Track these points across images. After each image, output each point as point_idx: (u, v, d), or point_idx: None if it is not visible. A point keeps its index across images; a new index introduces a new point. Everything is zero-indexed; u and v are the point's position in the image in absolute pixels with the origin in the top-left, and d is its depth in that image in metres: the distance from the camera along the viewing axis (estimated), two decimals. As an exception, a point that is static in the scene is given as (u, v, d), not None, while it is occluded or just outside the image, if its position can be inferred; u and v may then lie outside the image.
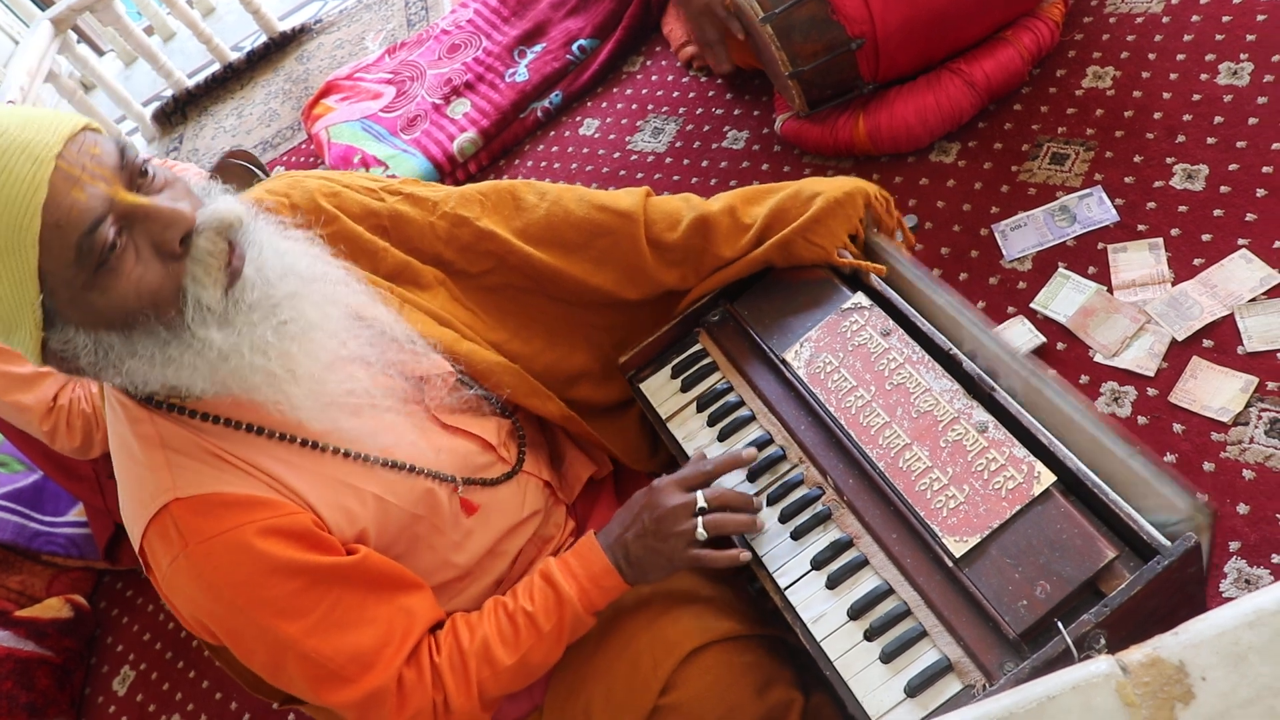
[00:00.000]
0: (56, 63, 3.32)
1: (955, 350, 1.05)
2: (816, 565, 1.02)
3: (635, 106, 2.44)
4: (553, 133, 2.56)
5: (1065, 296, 1.54)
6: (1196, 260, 1.49)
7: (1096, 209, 1.62)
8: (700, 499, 1.05)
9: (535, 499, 1.20)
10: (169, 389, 0.91)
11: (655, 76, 2.48)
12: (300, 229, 1.00)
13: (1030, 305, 1.56)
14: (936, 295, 1.10)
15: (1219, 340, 1.40)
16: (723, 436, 1.17)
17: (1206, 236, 1.50)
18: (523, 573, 1.18)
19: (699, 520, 1.04)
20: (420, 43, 3.02)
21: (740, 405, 1.18)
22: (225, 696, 1.90)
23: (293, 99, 3.50)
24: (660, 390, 1.26)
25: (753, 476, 1.11)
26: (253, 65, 3.82)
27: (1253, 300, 1.40)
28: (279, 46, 3.80)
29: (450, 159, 2.56)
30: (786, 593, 1.02)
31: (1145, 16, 1.83)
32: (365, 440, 0.99)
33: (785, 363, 1.15)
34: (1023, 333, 1.53)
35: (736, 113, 2.23)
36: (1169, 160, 1.62)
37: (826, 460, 1.07)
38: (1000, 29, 1.83)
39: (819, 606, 0.99)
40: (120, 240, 0.81)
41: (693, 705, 1.04)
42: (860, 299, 1.15)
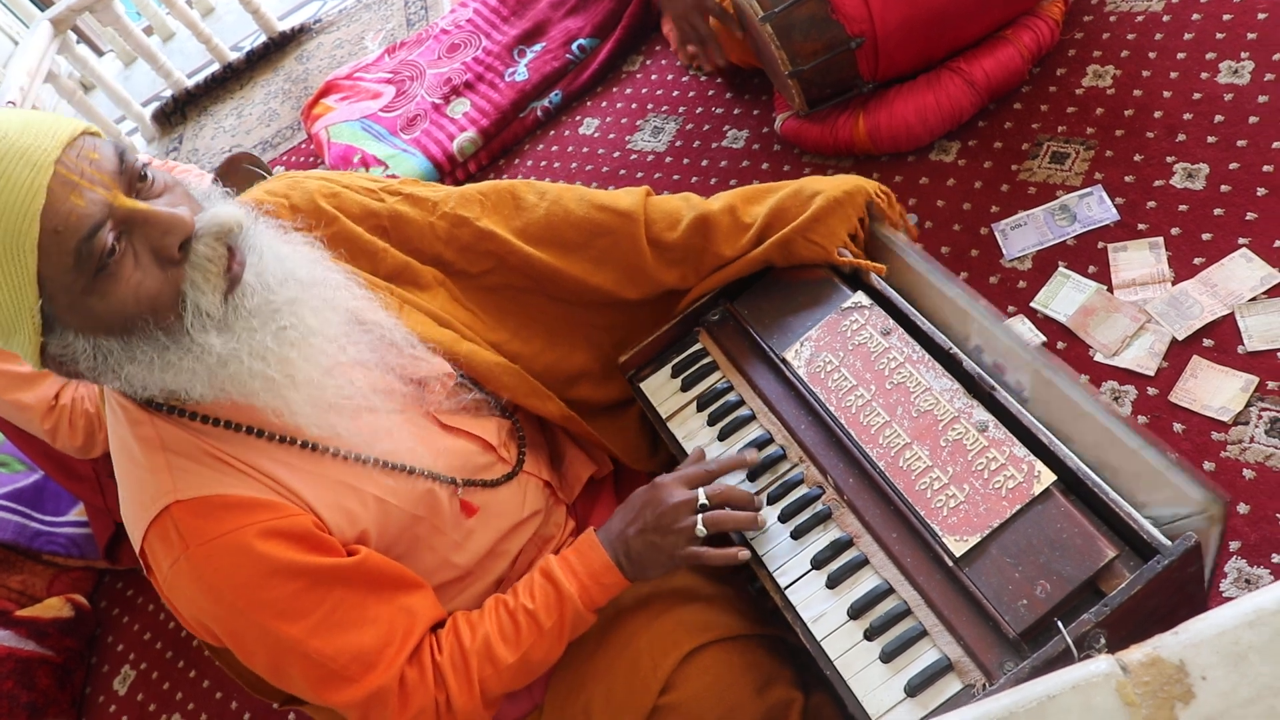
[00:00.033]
0: (56, 63, 3.32)
1: (955, 349, 1.05)
2: (816, 564, 1.02)
3: (635, 106, 2.44)
4: (552, 132, 2.56)
5: (1065, 296, 1.54)
6: (1197, 259, 1.49)
7: (1097, 208, 1.62)
8: (702, 496, 1.06)
9: (535, 499, 1.20)
10: (168, 393, 0.91)
11: (655, 76, 2.48)
12: (300, 232, 1.00)
13: (1030, 304, 1.56)
14: (946, 287, 1.09)
15: (1219, 339, 1.40)
16: (723, 436, 1.17)
17: (1207, 235, 1.50)
18: (523, 573, 1.18)
19: (699, 517, 1.04)
20: (420, 42, 3.02)
21: (740, 404, 1.18)
22: (225, 696, 1.90)
23: (292, 99, 3.50)
24: (660, 390, 1.26)
25: (753, 476, 1.12)
26: (252, 65, 3.82)
27: (1253, 299, 1.40)
28: (278, 46, 3.80)
29: (450, 158, 2.56)
30: (786, 592, 1.02)
31: (1146, 15, 1.83)
32: (364, 444, 0.99)
33: (785, 362, 1.15)
34: (1023, 332, 1.53)
35: (736, 112, 2.23)
36: (1169, 159, 1.62)
37: (826, 459, 1.07)
38: (1000, 28, 1.83)
39: (819, 606, 0.99)
40: (119, 245, 0.81)
41: (692, 704, 1.04)
42: (860, 298, 1.15)
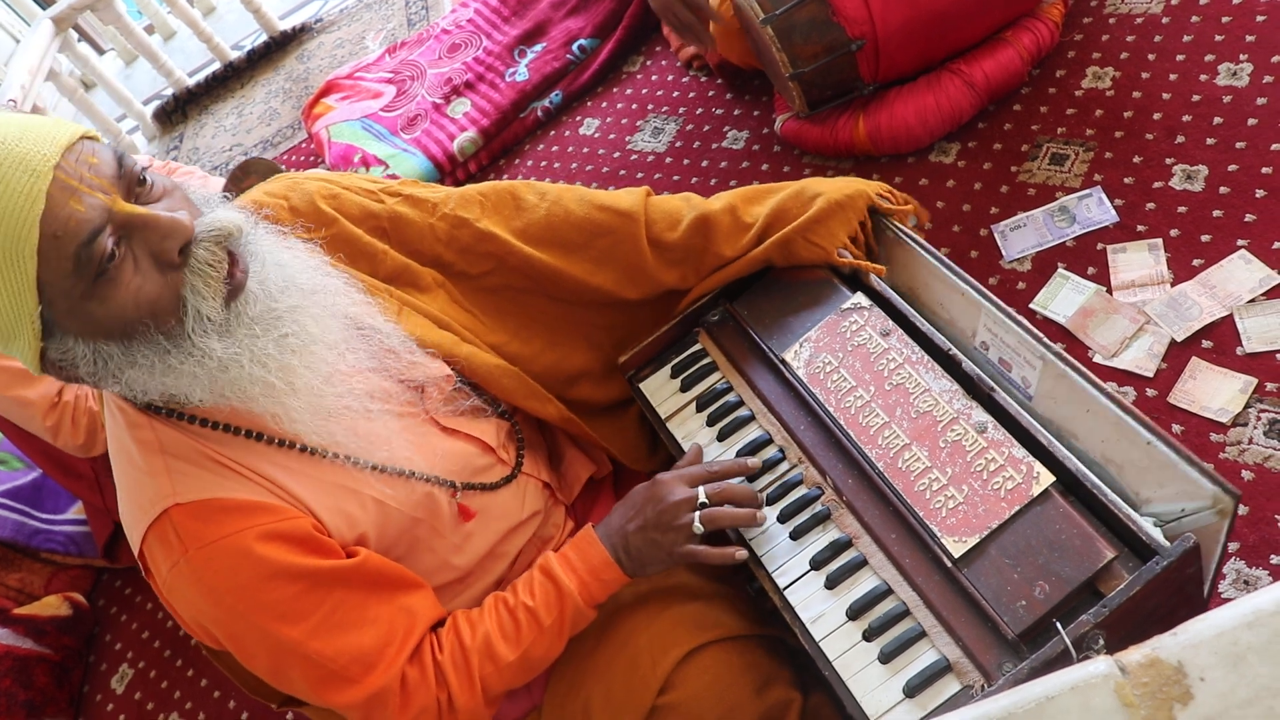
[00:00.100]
0: (57, 61, 3.32)
1: (954, 350, 1.05)
2: (815, 565, 1.02)
3: (635, 106, 2.44)
4: (553, 132, 2.56)
5: (1065, 297, 1.55)
6: (1196, 261, 1.49)
7: (1096, 209, 1.62)
8: (702, 494, 1.06)
9: (535, 500, 1.20)
10: (168, 396, 0.91)
11: (655, 76, 2.48)
12: (300, 236, 1.00)
13: (1030, 306, 1.57)
14: (956, 280, 1.09)
15: (1218, 341, 1.40)
16: (722, 436, 1.17)
17: (1206, 237, 1.51)
18: (523, 574, 1.18)
19: (696, 514, 1.04)
20: (420, 42, 3.02)
21: (740, 405, 1.18)
22: (224, 695, 1.90)
23: (293, 98, 3.50)
24: (660, 390, 1.26)
25: (752, 476, 1.11)
26: (253, 64, 3.82)
27: (1252, 301, 1.41)
28: (279, 45, 3.80)
29: (450, 158, 2.56)
30: (785, 592, 1.02)
31: (1145, 17, 1.83)
32: (363, 450, 0.99)
33: (785, 363, 1.15)
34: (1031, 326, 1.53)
35: (736, 113, 2.23)
36: (1168, 161, 1.62)
37: (826, 460, 1.07)
38: (1000, 29, 1.83)
39: (818, 606, 1.00)
40: (119, 250, 0.81)
41: (691, 704, 1.04)
42: (860, 299, 1.15)
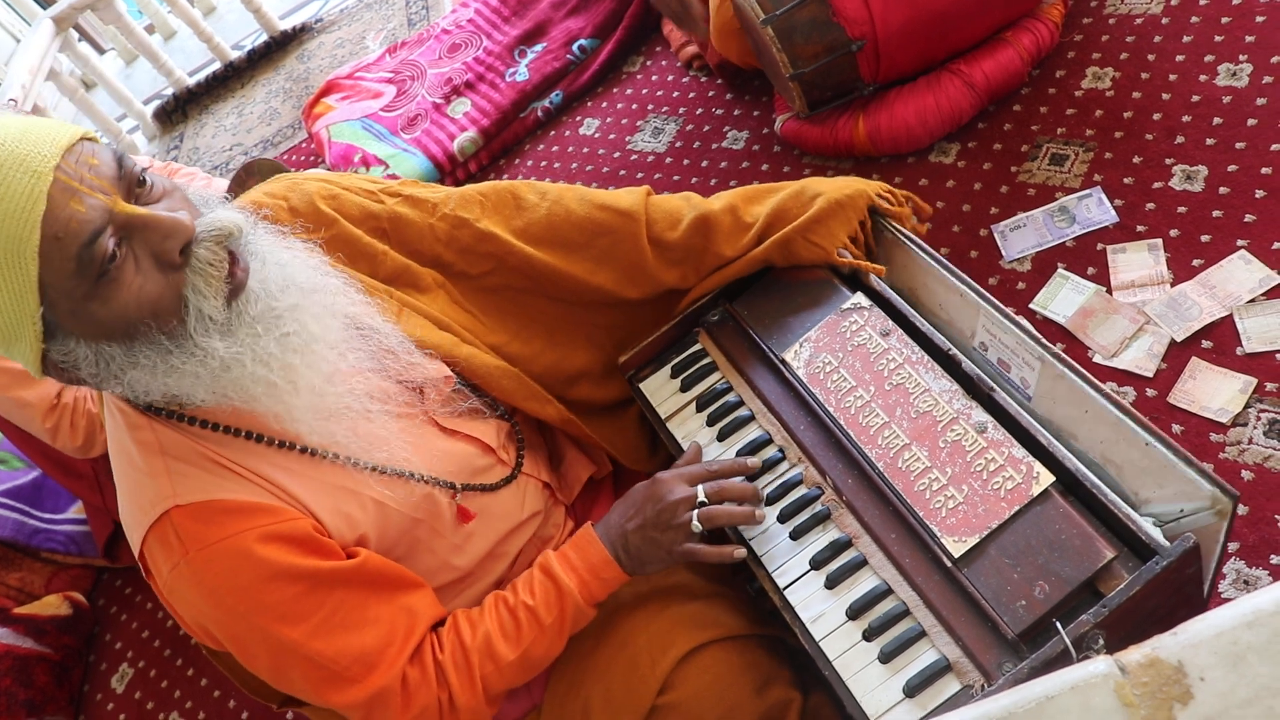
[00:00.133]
0: (58, 61, 3.32)
1: (954, 350, 1.05)
2: (815, 565, 1.02)
3: (635, 106, 2.44)
4: (553, 132, 2.56)
5: (1064, 297, 1.55)
6: (1195, 261, 1.49)
7: (1096, 210, 1.62)
8: (700, 493, 1.06)
9: (535, 500, 1.20)
10: (169, 397, 0.91)
11: (655, 76, 2.48)
12: (299, 236, 1.00)
13: (1029, 306, 1.57)
14: (955, 281, 1.09)
15: (1218, 341, 1.40)
16: (722, 436, 1.17)
17: (1205, 237, 1.51)
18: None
19: (694, 513, 1.04)
20: (421, 42, 3.03)
21: (740, 405, 1.18)
22: (224, 695, 1.90)
23: (293, 98, 3.50)
24: (660, 390, 1.26)
25: (752, 476, 1.11)
26: (253, 64, 3.82)
27: (1251, 301, 1.41)
28: (280, 45, 3.80)
29: (450, 158, 2.56)
30: (785, 592, 1.02)
31: (1144, 18, 1.83)
32: (363, 451, 0.99)
33: (785, 363, 1.15)
34: (1030, 327, 1.53)
35: (736, 113, 2.23)
36: (1168, 161, 1.62)
37: (825, 460, 1.07)
38: (1000, 30, 1.83)
39: (818, 606, 1.00)
40: (120, 251, 0.81)
41: (691, 704, 1.04)
42: (860, 299, 1.15)
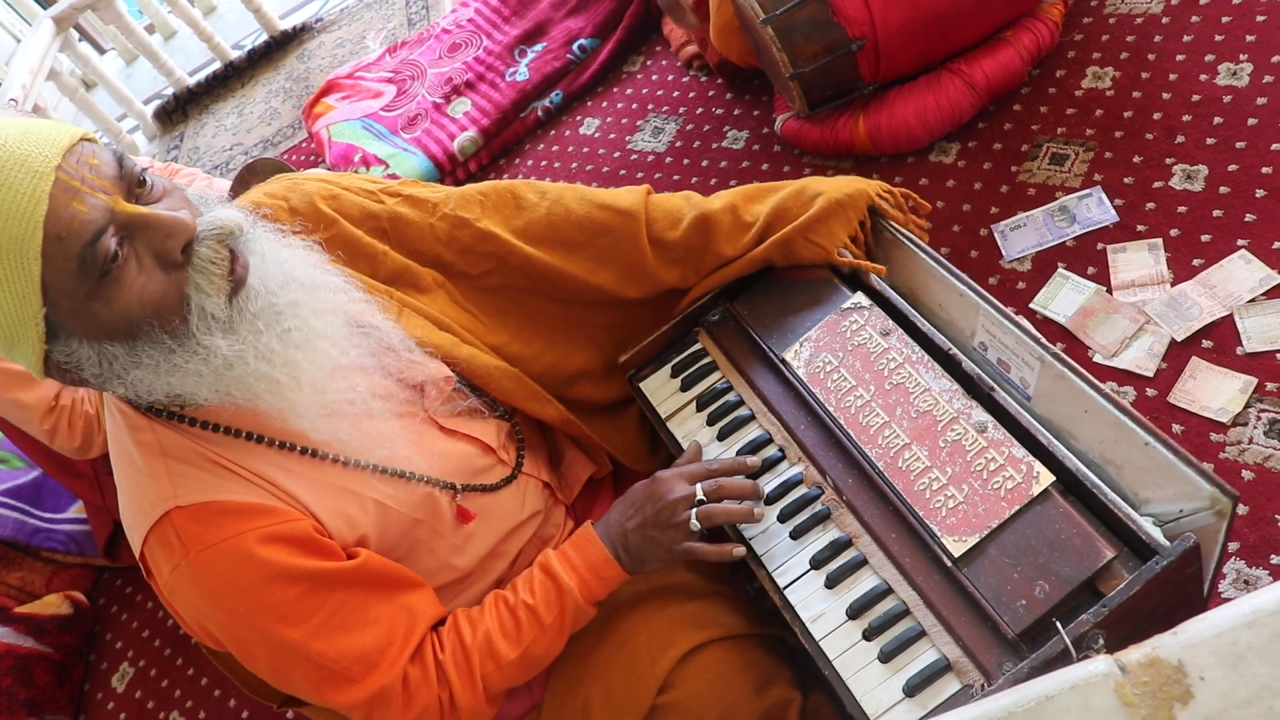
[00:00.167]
0: (58, 61, 3.32)
1: (954, 350, 1.05)
2: (815, 564, 1.02)
3: (635, 106, 2.44)
4: (553, 132, 2.56)
5: (1065, 297, 1.55)
6: (1196, 261, 1.49)
7: (1096, 209, 1.62)
8: (699, 492, 1.06)
9: (535, 500, 1.20)
10: (172, 397, 0.91)
11: (655, 76, 2.48)
12: (299, 235, 1.00)
13: (1030, 305, 1.57)
14: (954, 281, 1.09)
15: (1218, 341, 1.40)
16: (722, 436, 1.17)
17: (1206, 237, 1.51)
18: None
19: (693, 511, 1.04)
20: (421, 42, 3.03)
21: (740, 405, 1.18)
22: (224, 694, 1.90)
23: (293, 97, 3.50)
24: (660, 390, 1.26)
25: (752, 475, 1.11)
26: (254, 64, 3.82)
27: (1252, 301, 1.41)
28: (280, 45, 3.80)
29: (451, 158, 2.56)
30: (785, 592, 1.02)
31: (1145, 17, 1.83)
32: (364, 450, 0.99)
33: (785, 362, 1.15)
34: (1029, 327, 1.53)
35: (736, 113, 2.23)
36: (1168, 161, 1.62)
37: (826, 460, 1.07)
38: (1000, 29, 1.83)
39: (818, 606, 1.00)
40: (122, 250, 0.81)
41: (691, 703, 1.04)
42: (860, 299, 1.15)
